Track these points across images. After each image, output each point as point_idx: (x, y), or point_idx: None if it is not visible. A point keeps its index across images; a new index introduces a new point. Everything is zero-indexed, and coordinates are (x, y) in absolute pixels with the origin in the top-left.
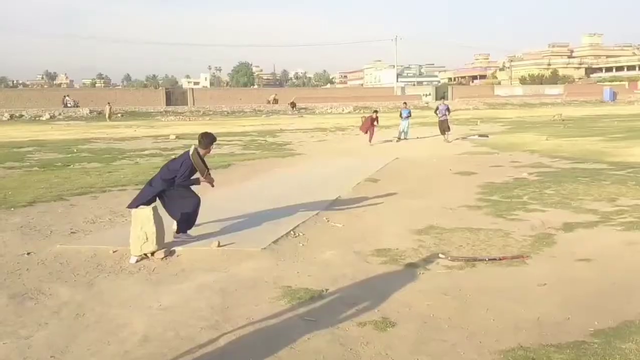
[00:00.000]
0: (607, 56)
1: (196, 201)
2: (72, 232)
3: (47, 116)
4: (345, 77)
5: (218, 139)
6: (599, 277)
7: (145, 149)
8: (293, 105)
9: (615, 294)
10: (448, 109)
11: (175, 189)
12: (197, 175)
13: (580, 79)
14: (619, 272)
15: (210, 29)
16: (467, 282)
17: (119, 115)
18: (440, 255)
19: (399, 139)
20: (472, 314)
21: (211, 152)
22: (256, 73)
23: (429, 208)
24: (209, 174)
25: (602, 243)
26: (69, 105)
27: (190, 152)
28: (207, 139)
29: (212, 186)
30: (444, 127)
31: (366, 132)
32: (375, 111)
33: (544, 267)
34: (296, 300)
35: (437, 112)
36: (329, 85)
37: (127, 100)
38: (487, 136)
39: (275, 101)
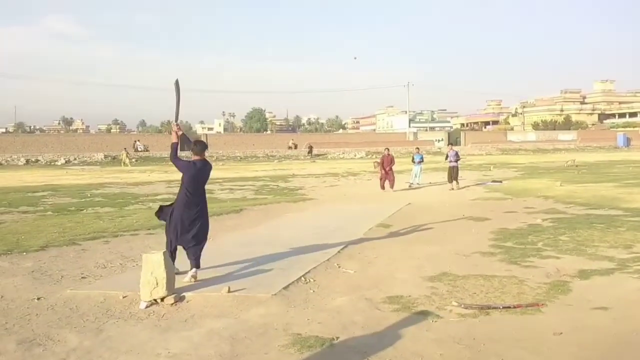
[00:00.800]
0: (620, 102)
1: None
2: (82, 277)
3: (63, 161)
4: (358, 122)
5: (231, 184)
6: (615, 326)
7: (158, 193)
8: (310, 149)
9: (632, 343)
10: (457, 155)
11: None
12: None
13: (593, 124)
14: (637, 321)
15: (224, 75)
16: (481, 330)
17: (134, 160)
18: (454, 303)
19: (411, 184)
20: None
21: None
22: (269, 119)
23: (442, 254)
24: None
25: (619, 291)
26: (139, 149)
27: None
28: (199, 146)
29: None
30: (453, 175)
31: (386, 179)
32: (387, 149)
33: (560, 316)
34: (306, 348)
35: (447, 159)
36: (341, 131)
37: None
38: (501, 181)
39: (295, 146)
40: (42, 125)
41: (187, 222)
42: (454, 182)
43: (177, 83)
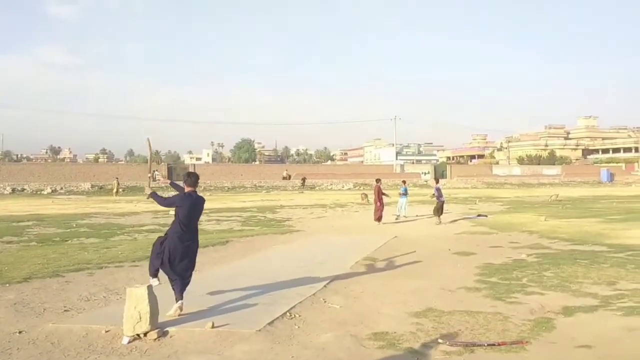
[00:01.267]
0: (603, 138)
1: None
2: (65, 310)
3: (49, 190)
4: (346, 154)
5: (218, 215)
6: None
7: (144, 224)
8: (303, 180)
9: None
10: (439, 190)
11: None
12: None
13: (577, 160)
14: None
15: (214, 106)
16: None
17: (121, 190)
18: (439, 340)
19: (398, 216)
20: None
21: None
22: (258, 149)
23: (428, 289)
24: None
25: (603, 329)
26: (156, 179)
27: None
28: (192, 178)
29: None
30: (438, 209)
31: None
32: (378, 180)
33: (544, 354)
34: None
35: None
36: (329, 162)
37: (130, 175)
38: (486, 215)
39: (289, 176)
40: (29, 154)
41: (178, 255)
42: (439, 216)
43: (148, 140)
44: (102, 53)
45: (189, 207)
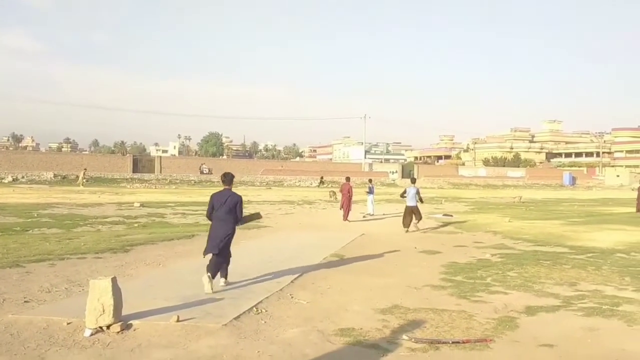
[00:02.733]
0: (567, 142)
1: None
2: (25, 301)
3: (10, 179)
4: (315, 151)
5: (184, 208)
6: None
7: (108, 216)
8: (321, 179)
9: None
10: (418, 193)
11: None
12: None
13: (541, 163)
14: (581, 359)
15: (182, 98)
16: None
17: (85, 180)
18: (404, 337)
19: (365, 215)
20: None
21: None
22: (226, 144)
23: (394, 287)
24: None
25: (564, 328)
26: (204, 172)
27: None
28: (227, 177)
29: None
30: (411, 216)
31: (342, 207)
32: (348, 178)
33: (507, 352)
34: None
35: (405, 194)
36: (298, 159)
37: (94, 166)
38: (452, 215)
39: (322, 181)
40: None
41: (218, 237)
42: (412, 223)
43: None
44: (67, 41)
45: (214, 199)
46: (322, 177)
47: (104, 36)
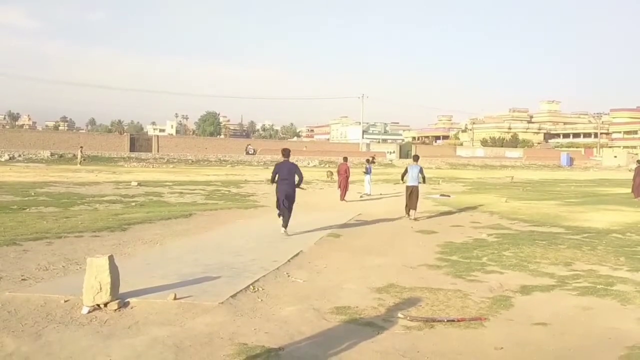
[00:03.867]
0: (565, 123)
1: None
2: (22, 279)
3: (7, 157)
4: (312, 131)
5: (181, 187)
6: (555, 342)
7: (105, 195)
8: (372, 159)
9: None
10: (422, 172)
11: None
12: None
13: (539, 143)
14: (575, 338)
15: (180, 77)
16: (425, 343)
17: (83, 159)
18: (400, 315)
19: (362, 195)
20: None
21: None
22: (223, 123)
23: (390, 266)
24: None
25: (559, 307)
26: (250, 152)
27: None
28: (287, 151)
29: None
30: (412, 201)
31: (340, 187)
32: (345, 158)
33: (501, 331)
34: (251, 358)
35: (406, 176)
36: (295, 139)
37: (91, 144)
38: (449, 195)
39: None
40: None
41: (283, 194)
42: (411, 211)
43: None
44: (64, 19)
45: (276, 168)
46: (370, 158)
47: (101, 14)
